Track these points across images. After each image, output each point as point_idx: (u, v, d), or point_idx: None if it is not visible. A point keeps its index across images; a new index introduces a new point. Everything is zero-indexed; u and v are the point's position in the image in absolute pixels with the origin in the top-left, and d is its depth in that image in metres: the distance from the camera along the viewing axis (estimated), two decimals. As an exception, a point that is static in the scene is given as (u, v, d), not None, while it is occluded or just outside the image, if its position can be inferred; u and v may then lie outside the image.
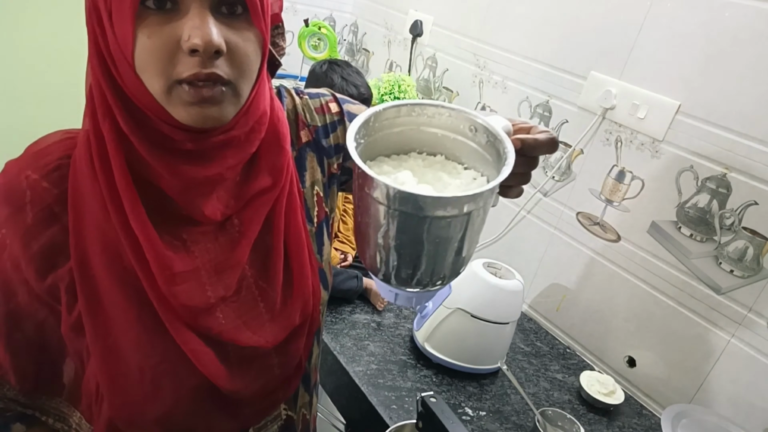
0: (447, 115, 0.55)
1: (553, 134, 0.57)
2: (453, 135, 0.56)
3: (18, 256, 0.57)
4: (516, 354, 1.38)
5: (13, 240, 0.56)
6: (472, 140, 0.55)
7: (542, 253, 1.53)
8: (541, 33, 1.47)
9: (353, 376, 1.16)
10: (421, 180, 0.53)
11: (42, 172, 0.57)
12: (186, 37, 0.50)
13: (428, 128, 0.56)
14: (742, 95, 1.10)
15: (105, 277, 0.56)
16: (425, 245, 0.49)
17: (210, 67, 0.51)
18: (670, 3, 1.19)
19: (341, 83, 1.43)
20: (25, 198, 0.56)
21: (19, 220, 0.56)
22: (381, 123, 0.54)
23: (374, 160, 0.56)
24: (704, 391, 1.21)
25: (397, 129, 0.56)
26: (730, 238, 1.15)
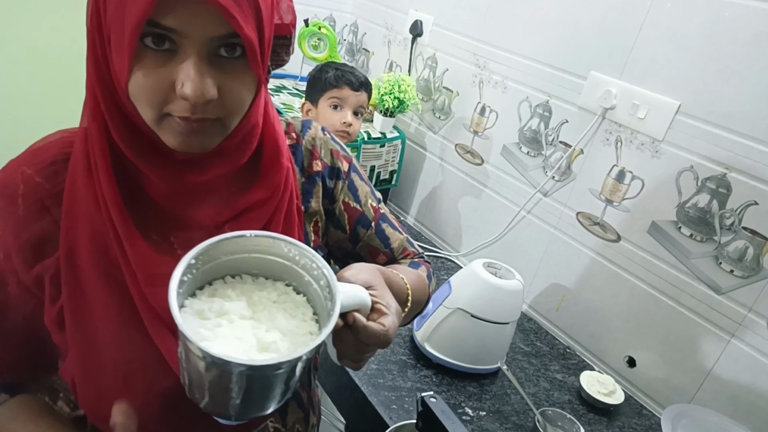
0: (297, 251, 0.55)
1: (387, 329, 0.55)
2: (304, 272, 0.55)
3: (9, 247, 0.59)
4: (516, 354, 1.38)
5: (6, 231, 0.58)
6: (318, 288, 0.55)
7: (542, 253, 1.53)
8: (541, 33, 1.47)
9: (353, 376, 1.16)
10: (254, 311, 0.52)
11: (37, 167, 0.59)
12: (179, 84, 0.51)
13: (275, 257, 0.55)
14: (742, 95, 1.10)
15: (90, 269, 0.57)
16: (229, 392, 0.48)
17: (200, 113, 0.53)
18: (670, 3, 1.19)
19: (335, 74, 1.43)
20: (17, 191, 0.58)
21: (12, 212, 0.58)
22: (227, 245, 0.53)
23: (212, 284, 0.54)
24: (704, 391, 1.21)
25: (247, 250, 0.55)
26: (730, 238, 1.15)
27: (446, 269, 1.70)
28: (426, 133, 1.89)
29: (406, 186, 1.97)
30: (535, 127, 1.52)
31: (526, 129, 1.54)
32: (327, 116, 1.43)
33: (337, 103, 1.43)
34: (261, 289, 0.55)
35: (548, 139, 1.48)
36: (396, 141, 1.79)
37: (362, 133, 1.70)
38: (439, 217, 1.86)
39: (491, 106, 1.64)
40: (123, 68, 0.51)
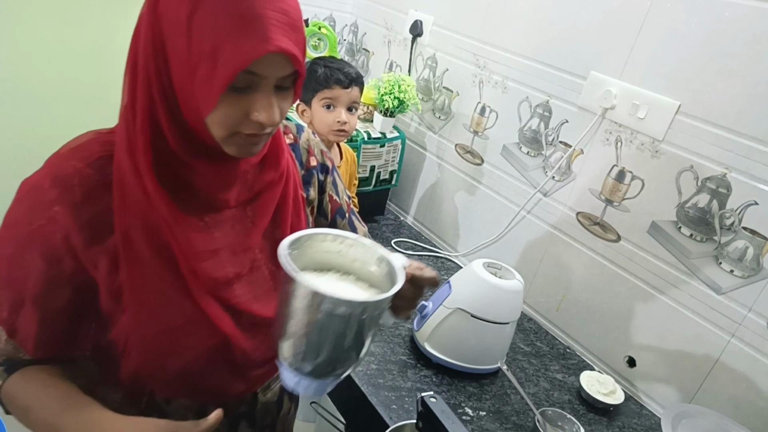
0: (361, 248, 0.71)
1: (436, 275, 0.78)
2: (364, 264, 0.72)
3: (69, 228, 0.66)
4: (516, 354, 1.38)
5: (65, 214, 0.65)
6: (378, 269, 0.71)
7: (542, 253, 1.53)
8: (541, 33, 1.47)
9: (353, 376, 1.16)
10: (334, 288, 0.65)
11: (86, 161, 0.67)
12: (256, 112, 0.65)
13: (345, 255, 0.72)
14: (742, 95, 1.10)
15: (145, 248, 0.67)
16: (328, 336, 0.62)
17: (265, 130, 0.67)
18: (670, 3, 1.19)
19: (324, 73, 1.42)
20: (73, 181, 0.66)
21: (70, 198, 0.65)
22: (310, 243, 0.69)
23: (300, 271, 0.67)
24: (704, 391, 1.21)
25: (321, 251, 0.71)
26: (730, 238, 1.15)
27: (446, 269, 1.70)
28: (426, 133, 1.89)
29: (406, 186, 1.97)
30: (535, 127, 1.52)
31: (526, 129, 1.54)
32: (321, 117, 1.43)
33: (330, 103, 1.42)
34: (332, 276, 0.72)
35: (548, 139, 1.48)
36: (396, 141, 1.79)
37: (362, 133, 1.70)
38: (439, 217, 1.86)
39: (491, 106, 1.64)
40: (208, 103, 0.62)
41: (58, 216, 0.65)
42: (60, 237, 0.66)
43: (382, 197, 1.91)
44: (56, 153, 0.69)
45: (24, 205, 0.67)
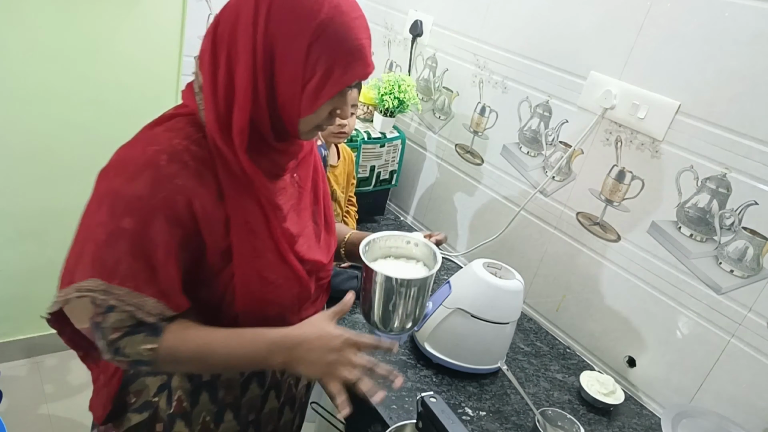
0: (404, 241, 1.05)
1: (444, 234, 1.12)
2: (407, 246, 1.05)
3: (190, 197, 0.76)
4: (516, 354, 1.38)
5: (185, 186, 0.76)
6: (416, 249, 1.04)
7: (542, 253, 1.53)
8: (542, 33, 1.47)
9: (353, 376, 1.16)
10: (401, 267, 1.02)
11: (189, 140, 0.78)
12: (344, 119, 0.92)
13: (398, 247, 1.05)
14: (742, 95, 1.10)
15: (248, 214, 0.82)
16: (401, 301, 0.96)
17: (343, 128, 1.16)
18: (670, 3, 1.19)
19: None
20: (185, 156, 0.76)
21: (187, 171, 0.76)
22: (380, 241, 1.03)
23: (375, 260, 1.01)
24: (704, 391, 1.21)
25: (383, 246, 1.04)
26: (730, 238, 1.15)
27: (446, 269, 1.70)
28: (426, 133, 1.89)
29: (406, 186, 1.97)
30: (535, 127, 1.52)
31: (526, 129, 1.54)
32: None
33: None
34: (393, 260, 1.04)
35: (548, 139, 1.48)
36: (396, 141, 1.79)
37: (362, 133, 1.70)
38: (438, 217, 1.86)
39: (491, 106, 1.64)
40: (310, 108, 0.78)
41: (180, 187, 0.76)
42: (183, 205, 0.76)
43: (382, 197, 1.91)
44: (152, 133, 0.79)
45: (144, 181, 0.74)
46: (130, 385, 0.91)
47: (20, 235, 1.88)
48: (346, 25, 0.76)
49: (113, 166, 0.79)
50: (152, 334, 0.78)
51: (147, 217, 0.75)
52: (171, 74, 1.91)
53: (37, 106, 1.72)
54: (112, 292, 0.75)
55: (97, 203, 0.77)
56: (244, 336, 0.82)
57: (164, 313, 0.79)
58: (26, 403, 1.93)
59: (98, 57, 1.75)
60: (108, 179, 0.78)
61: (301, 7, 0.74)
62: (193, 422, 0.91)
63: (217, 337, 0.81)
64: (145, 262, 0.76)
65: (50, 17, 1.64)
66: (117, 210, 0.75)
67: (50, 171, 1.83)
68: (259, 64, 0.76)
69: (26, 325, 2.05)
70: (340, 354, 0.82)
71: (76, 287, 0.77)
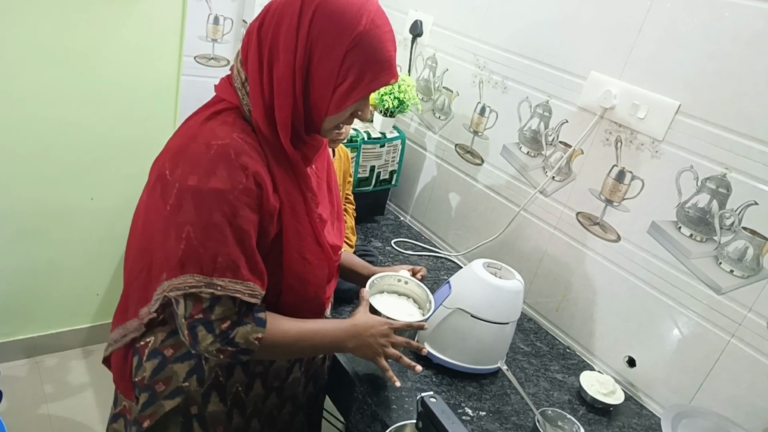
0: (395, 279, 1.18)
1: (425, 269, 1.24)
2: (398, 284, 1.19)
3: (263, 185, 0.85)
4: (516, 354, 1.38)
5: (257, 175, 0.83)
6: (406, 286, 1.19)
7: (542, 253, 1.53)
8: (541, 33, 1.47)
9: (353, 376, 1.16)
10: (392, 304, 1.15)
11: (246, 134, 0.85)
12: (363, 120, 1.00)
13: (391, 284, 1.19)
14: (742, 95, 1.10)
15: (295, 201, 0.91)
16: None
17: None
18: (670, 3, 1.19)
19: None
20: (247, 148, 0.83)
21: (254, 162, 0.83)
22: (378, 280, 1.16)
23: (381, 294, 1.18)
24: (704, 391, 1.21)
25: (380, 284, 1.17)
26: (730, 238, 1.15)
27: (446, 269, 1.70)
28: (426, 133, 1.89)
29: (406, 186, 1.97)
30: (535, 127, 1.52)
31: (526, 129, 1.54)
32: None
33: None
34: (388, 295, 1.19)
35: (548, 139, 1.49)
36: (396, 141, 1.79)
37: (362, 133, 1.70)
38: (438, 217, 1.86)
39: (491, 106, 1.64)
40: (337, 109, 0.87)
41: (253, 176, 0.83)
42: (256, 194, 0.84)
43: (382, 197, 1.91)
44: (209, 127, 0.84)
45: (221, 175, 0.80)
46: (156, 375, 0.96)
47: (20, 235, 1.88)
48: (379, 38, 0.85)
49: (179, 163, 0.82)
50: (259, 324, 0.89)
51: (234, 209, 0.82)
52: (171, 74, 1.90)
53: (36, 106, 1.72)
54: (215, 283, 0.83)
55: (177, 203, 0.81)
56: (325, 327, 0.98)
57: (260, 294, 0.87)
58: (26, 403, 1.93)
59: (98, 57, 1.75)
60: (179, 178, 0.81)
61: (343, 17, 0.82)
62: (227, 393, 1.00)
63: (308, 328, 0.96)
64: (241, 251, 0.84)
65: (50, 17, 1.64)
66: (203, 206, 0.81)
67: (50, 171, 1.83)
68: (298, 63, 0.83)
69: (26, 325, 2.05)
70: (387, 337, 1.02)
71: (173, 285, 0.83)
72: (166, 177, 0.82)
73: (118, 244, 2.08)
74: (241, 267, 0.84)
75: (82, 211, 1.95)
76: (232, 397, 1.00)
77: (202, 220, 0.81)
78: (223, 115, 0.87)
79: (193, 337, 0.86)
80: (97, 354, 2.19)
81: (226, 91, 0.90)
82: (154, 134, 1.92)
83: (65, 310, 2.09)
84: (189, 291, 0.82)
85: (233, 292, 0.84)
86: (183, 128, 0.90)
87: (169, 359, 0.96)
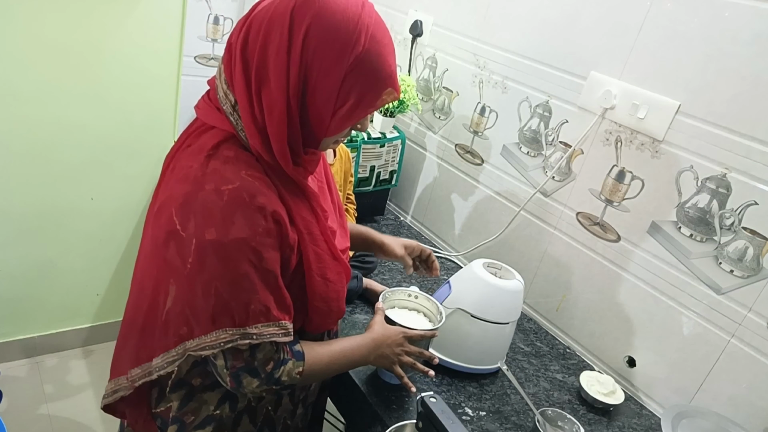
0: (406, 294, 1.21)
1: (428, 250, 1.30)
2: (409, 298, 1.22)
3: (281, 222, 0.81)
4: (516, 354, 1.38)
5: (274, 212, 0.79)
6: (416, 301, 1.21)
7: (542, 253, 1.53)
8: (541, 33, 1.47)
9: (353, 376, 1.16)
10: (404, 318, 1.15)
11: (252, 169, 0.79)
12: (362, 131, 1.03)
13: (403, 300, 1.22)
14: (742, 95, 1.10)
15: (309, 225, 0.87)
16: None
17: None
18: (670, 3, 1.19)
19: None
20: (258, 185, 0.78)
21: (268, 199, 0.79)
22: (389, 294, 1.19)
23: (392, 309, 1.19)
24: (704, 391, 1.21)
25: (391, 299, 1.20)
26: (730, 238, 1.15)
27: (446, 269, 1.70)
28: (426, 133, 1.89)
29: (406, 186, 1.97)
30: (535, 127, 1.52)
31: (526, 129, 1.54)
32: None
33: None
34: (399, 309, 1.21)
35: (548, 139, 1.49)
36: (396, 141, 1.79)
37: (362, 133, 1.70)
38: (438, 217, 1.87)
39: (491, 106, 1.64)
40: (338, 129, 0.82)
41: (272, 215, 0.79)
42: (278, 230, 0.81)
43: (382, 197, 1.91)
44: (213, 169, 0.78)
45: (240, 223, 0.76)
46: (185, 406, 0.93)
47: (20, 235, 1.88)
48: (380, 54, 0.78)
49: (190, 216, 0.76)
50: (299, 359, 0.89)
51: (258, 254, 0.78)
52: (171, 74, 1.91)
53: (37, 105, 1.72)
54: (249, 333, 0.80)
55: (198, 260, 0.76)
56: (351, 346, 0.99)
57: (291, 329, 0.85)
58: (26, 403, 1.93)
59: (98, 57, 1.75)
60: (194, 233, 0.76)
61: (339, 36, 0.74)
62: (258, 414, 0.98)
63: (337, 350, 0.97)
64: (269, 292, 0.82)
65: (50, 17, 1.64)
66: (229, 259, 0.77)
67: (50, 171, 1.83)
68: (292, 89, 0.76)
69: (26, 325, 2.05)
70: (401, 347, 1.05)
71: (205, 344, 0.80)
72: (179, 233, 0.76)
73: (118, 244, 2.09)
74: (272, 309, 0.82)
75: (82, 211, 1.95)
76: (262, 417, 0.99)
77: (230, 273, 0.77)
78: (223, 148, 0.80)
79: (237, 383, 0.84)
80: (97, 354, 2.19)
81: (213, 117, 0.82)
82: (154, 134, 1.93)
83: (65, 310, 2.10)
84: (225, 347, 0.80)
85: (269, 337, 0.82)
86: (179, 169, 0.81)
87: (198, 388, 0.92)
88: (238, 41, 0.77)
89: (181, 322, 0.80)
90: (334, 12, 0.75)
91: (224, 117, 0.81)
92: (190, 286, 0.78)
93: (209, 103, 0.84)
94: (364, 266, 1.47)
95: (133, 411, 0.96)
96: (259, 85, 0.76)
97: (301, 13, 0.74)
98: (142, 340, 0.87)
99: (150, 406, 0.94)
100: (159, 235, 0.80)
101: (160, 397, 0.93)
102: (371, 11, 0.80)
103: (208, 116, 0.83)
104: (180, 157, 0.84)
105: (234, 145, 0.80)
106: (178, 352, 0.82)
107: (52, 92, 1.73)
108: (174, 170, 0.83)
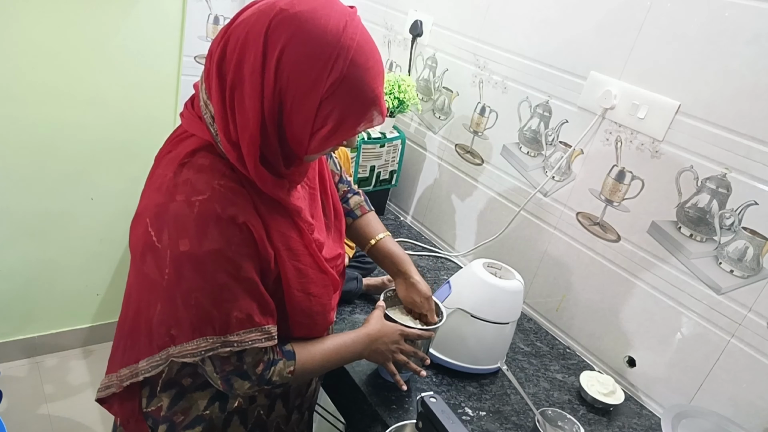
0: None
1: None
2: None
3: (256, 231, 0.79)
4: (516, 354, 1.38)
5: (249, 222, 0.78)
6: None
7: (542, 253, 1.53)
8: (541, 33, 1.47)
9: (353, 376, 1.16)
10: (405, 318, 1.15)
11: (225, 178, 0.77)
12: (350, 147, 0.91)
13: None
14: (742, 95, 1.10)
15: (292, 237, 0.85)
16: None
17: None
18: (670, 3, 1.19)
19: None
20: (231, 196, 0.76)
21: (242, 209, 0.77)
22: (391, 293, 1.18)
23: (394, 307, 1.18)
24: (704, 391, 1.21)
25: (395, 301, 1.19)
26: (730, 238, 1.15)
27: (446, 269, 1.70)
28: (426, 133, 1.89)
29: (406, 186, 1.97)
30: (535, 127, 1.52)
31: (526, 129, 1.54)
32: None
33: None
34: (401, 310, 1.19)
35: (548, 139, 1.49)
36: (396, 141, 1.79)
37: (361, 132, 1.70)
38: (438, 217, 1.87)
39: (491, 106, 1.64)
40: (319, 151, 0.79)
41: (244, 226, 0.77)
42: (251, 241, 0.79)
43: (382, 197, 1.91)
44: (185, 179, 0.76)
45: (213, 234, 0.75)
46: (174, 405, 0.93)
47: (20, 235, 1.88)
48: (361, 79, 0.74)
49: (163, 227, 0.76)
50: (289, 358, 0.89)
51: (235, 264, 0.78)
52: (171, 74, 1.91)
53: (36, 106, 1.72)
54: (230, 341, 0.80)
55: (175, 272, 0.76)
56: (345, 342, 0.99)
57: (275, 332, 0.85)
58: (26, 403, 1.94)
59: (98, 57, 1.75)
60: (168, 244, 0.75)
61: (315, 63, 0.71)
62: (249, 417, 0.98)
63: (331, 347, 0.96)
64: (251, 299, 0.81)
65: (50, 17, 1.64)
66: (205, 271, 0.76)
67: (50, 171, 1.83)
68: (267, 111, 0.73)
69: (26, 325, 2.05)
70: (397, 344, 1.05)
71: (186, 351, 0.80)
72: (154, 245, 0.76)
73: (118, 244, 2.09)
74: (254, 315, 0.81)
75: (82, 211, 1.95)
76: (254, 420, 0.99)
77: (209, 285, 0.77)
78: (198, 156, 0.78)
79: (228, 386, 0.85)
80: (97, 354, 2.19)
81: (194, 126, 0.81)
82: (154, 134, 1.93)
83: (65, 310, 2.10)
84: (206, 356, 0.80)
85: (251, 343, 0.81)
86: (156, 177, 0.81)
87: (188, 388, 0.92)
88: (216, 53, 0.75)
89: (163, 331, 0.80)
90: (310, 34, 0.71)
91: (205, 126, 0.79)
92: (170, 296, 0.78)
93: (192, 111, 0.82)
94: (364, 266, 1.47)
95: (124, 408, 0.96)
96: (233, 102, 0.74)
97: (275, 34, 0.71)
98: (130, 343, 0.89)
99: (141, 405, 0.95)
100: (137, 246, 0.80)
101: (151, 396, 0.94)
102: (354, 31, 0.74)
103: (191, 125, 0.82)
104: (159, 163, 0.83)
105: (210, 153, 0.78)
106: (161, 357, 0.82)
107: (52, 92, 1.73)
108: (152, 178, 0.83)
